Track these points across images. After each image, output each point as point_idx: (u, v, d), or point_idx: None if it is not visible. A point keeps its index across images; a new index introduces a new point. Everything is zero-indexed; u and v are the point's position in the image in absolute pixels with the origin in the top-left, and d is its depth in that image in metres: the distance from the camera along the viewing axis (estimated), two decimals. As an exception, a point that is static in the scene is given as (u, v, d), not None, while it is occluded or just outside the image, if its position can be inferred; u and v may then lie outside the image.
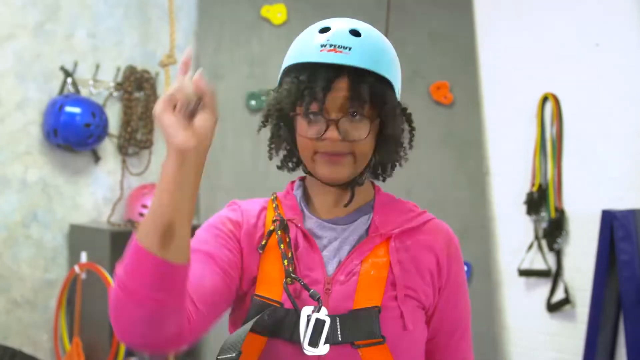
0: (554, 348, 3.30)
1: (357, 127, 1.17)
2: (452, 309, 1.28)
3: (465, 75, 3.63)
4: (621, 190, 3.08)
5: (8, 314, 3.11)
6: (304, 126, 1.19)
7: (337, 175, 1.19)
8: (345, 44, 1.16)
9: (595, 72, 3.18)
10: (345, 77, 1.15)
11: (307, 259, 1.21)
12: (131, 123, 3.45)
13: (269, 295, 1.19)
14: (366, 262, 1.20)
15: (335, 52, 1.15)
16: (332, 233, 1.24)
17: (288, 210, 1.27)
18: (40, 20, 3.22)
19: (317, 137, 1.17)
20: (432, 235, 1.26)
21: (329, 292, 1.18)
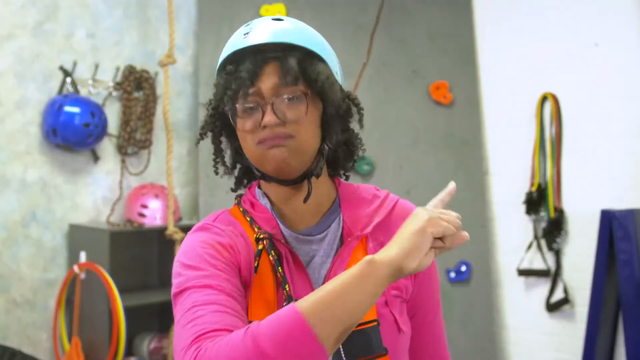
0: (553, 348, 3.31)
1: (293, 107, 1.12)
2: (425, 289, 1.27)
3: (465, 75, 3.63)
4: (620, 190, 3.08)
5: (7, 314, 3.11)
6: (241, 121, 1.14)
7: (283, 161, 1.11)
8: (267, 28, 1.15)
9: (595, 72, 3.18)
10: (273, 60, 1.13)
11: (296, 279, 1.16)
12: (130, 123, 3.45)
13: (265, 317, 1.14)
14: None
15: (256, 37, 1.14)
16: (310, 247, 1.20)
17: (265, 224, 1.20)
18: (39, 20, 3.22)
19: (255, 127, 1.12)
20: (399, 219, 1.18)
21: None
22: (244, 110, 1.14)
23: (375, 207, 1.23)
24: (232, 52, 1.15)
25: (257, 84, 1.12)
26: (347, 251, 1.18)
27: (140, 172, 3.55)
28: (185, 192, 3.78)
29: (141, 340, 3.42)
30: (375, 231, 1.21)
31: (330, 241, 1.21)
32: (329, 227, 1.21)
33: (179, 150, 3.70)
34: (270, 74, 1.12)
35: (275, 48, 1.13)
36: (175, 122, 3.66)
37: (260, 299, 1.14)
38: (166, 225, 3.27)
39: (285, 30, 1.15)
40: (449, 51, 3.65)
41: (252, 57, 1.13)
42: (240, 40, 1.15)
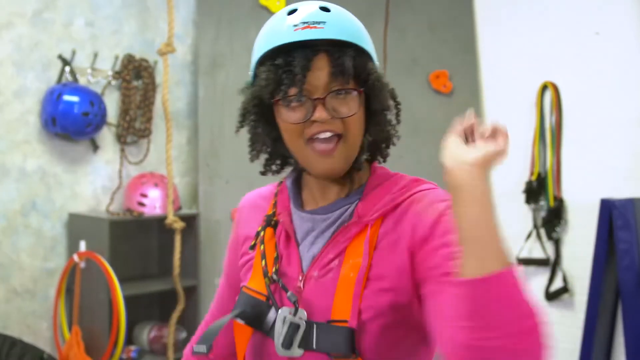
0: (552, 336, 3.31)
1: (345, 103, 1.12)
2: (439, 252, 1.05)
3: (465, 64, 3.62)
4: (620, 179, 3.07)
5: (7, 303, 3.12)
6: (288, 114, 1.12)
7: (331, 167, 1.13)
8: (317, 19, 1.11)
9: (595, 61, 3.17)
10: (323, 54, 1.10)
11: (286, 255, 1.20)
12: (130, 112, 3.44)
13: (257, 288, 1.20)
14: (347, 263, 1.13)
15: (309, 28, 1.10)
16: (309, 224, 1.20)
17: (280, 204, 1.27)
18: (38, 8, 3.21)
19: (305, 121, 1.11)
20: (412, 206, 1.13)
21: (300, 290, 1.15)
22: (293, 104, 1.12)
23: (394, 196, 1.16)
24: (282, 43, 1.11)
25: (309, 78, 1.10)
26: (344, 235, 1.15)
27: (140, 161, 3.55)
28: (185, 181, 3.78)
29: (141, 329, 3.43)
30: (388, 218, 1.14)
31: (331, 222, 1.18)
32: (337, 210, 1.19)
33: (178, 139, 3.70)
34: (321, 67, 1.10)
35: (325, 43, 1.11)
36: (174, 111, 3.65)
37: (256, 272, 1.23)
38: (166, 214, 3.27)
39: (337, 25, 1.12)
40: (449, 40, 3.64)
41: (303, 50, 1.10)
42: (289, 33, 1.11)
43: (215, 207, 3.49)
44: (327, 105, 1.10)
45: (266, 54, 1.14)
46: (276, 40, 1.12)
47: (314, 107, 1.10)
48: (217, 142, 3.56)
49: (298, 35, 1.10)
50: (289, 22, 1.12)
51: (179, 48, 3.57)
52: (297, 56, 1.10)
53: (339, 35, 1.11)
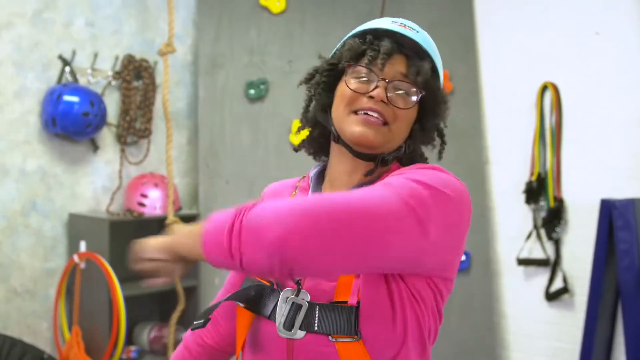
0: (552, 337, 3.31)
1: (403, 99, 1.19)
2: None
3: (465, 64, 3.61)
4: (620, 179, 3.07)
5: (8, 303, 3.12)
6: (352, 81, 1.20)
7: (367, 136, 1.17)
8: (414, 27, 1.25)
9: (595, 61, 3.17)
10: (403, 57, 1.21)
11: None
12: (130, 112, 3.44)
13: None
14: None
15: (406, 28, 1.22)
16: None
17: (299, 193, 1.30)
18: (38, 8, 3.21)
19: (364, 92, 1.18)
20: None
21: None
22: (362, 77, 1.20)
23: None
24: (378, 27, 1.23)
25: (387, 62, 1.19)
26: None
27: (140, 161, 3.55)
28: (185, 182, 3.78)
29: (141, 329, 3.43)
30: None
31: None
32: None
33: (178, 139, 3.70)
34: (399, 61, 1.20)
35: (410, 46, 1.22)
36: (174, 111, 3.65)
37: None
38: (166, 214, 3.27)
39: (426, 39, 1.26)
40: (449, 40, 3.64)
41: (390, 42, 1.20)
42: (388, 23, 1.23)
43: (216, 208, 3.47)
44: (389, 91, 1.18)
45: (359, 34, 1.25)
46: (374, 24, 1.25)
47: (377, 86, 1.17)
48: (217, 143, 3.56)
49: (395, 27, 1.22)
50: (388, 18, 1.25)
51: (179, 48, 3.57)
52: (385, 42, 1.20)
53: (426, 46, 1.24)
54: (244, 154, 3.51)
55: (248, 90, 3.57)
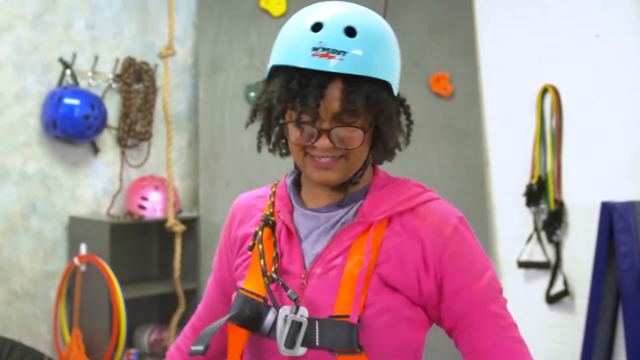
0: (552, 339, 3.31)
1: (350, 136, 1.11)
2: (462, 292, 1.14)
3: (465, 66, 3.62)
4: (620, 182, 3.08)
5: (8, 306, 3.12)
6: (294, 131, 1.12)
7: (328, 178, 1.14)
8: (339, 47, 1.06)
9: (595, 64, 3.18)
10: (338, 83, 1.07)
11: (288, 253, 1.19)
12: (130, 115, 3.44)
13: (254, 289, 1.19)
14: (351, 260, 1.14)
15: (328, 57, 1.06)
16: (314, 222, 1.20)
17: (278, 201, 1.26)
18: (38, 11, 3.21)
19: (307, 144, 1.12)
20: (422, 221, 1.16)
21: (304, 286, 1.15)
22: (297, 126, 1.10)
23: (402, 199, 1.18)
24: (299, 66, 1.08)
25: (320, 103, 1.07)
26: (348, 234, 1.16)
27: (140, 164, 3.55)
28: (185, 184, 3.78)
29: (142, 332, 3.43)
30: (394, 221, 1.16)
31: (336, 221, 1.19)
32: (342, 209, 1.20)
33: (178, 142, 3.70)
34: (333, 98, 1.08)
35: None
36: (175, 114, 3.65)
37: (252, 273, 1.22)
38: (166, 217, 3.27)
39: (359, 57, 1.07)
40: (450, 43, 3.65)
41: (318, 80, 1.07)
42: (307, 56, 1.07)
43: (216, 210, 3.49)
44: (332, 136, 1.10)
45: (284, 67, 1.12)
46: (292, 59, 1.09)
47: (319, 135, 1.10)
48: (217, 145, 3.56)
49: (315, 62, 1.06)
50: (308, 43, 1.08)
51: (179, 51, 3.57)
52: (312, 84, 1.07)
53: (356, 69, 1.07)
54: (244, 156, 3.50)
55: (248, 93, 3.57)
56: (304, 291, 1.15)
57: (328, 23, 1.09)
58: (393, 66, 1.15)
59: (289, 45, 1.12)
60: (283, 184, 1.29)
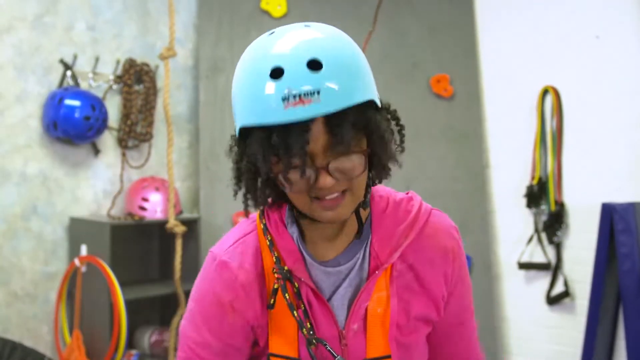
0: (553, 340, 3.31)
1: (350, 165, 1.02)
2: (459, 301, 1.25)
3: (466, 68, 3.62)
4: (621, 183, 3.08)
5: (8, 307, 3.12)
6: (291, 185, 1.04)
7: (339, 217, 1.07)
8: (309, 88, 0.95)
9: (596, 65, 3.18)
10: (319, 121, 0.98)
11: (318, 315, 1.14)
12: (131, 116, 3.45)
13: (285, 353, 1.14)
14: (372, 300, 1.14)
15: (302, 104, 0.95)
16: (336, 278, 1.16)
17: (287, 256, 1.15)
18: (39, 12, 3.22)
19: (309, 188, 1.03)
20: (434, 244, 1.18)
21: (346, 347, 1.14)
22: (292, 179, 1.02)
23: (405, 226, 1.17)
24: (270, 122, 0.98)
25: (307, 153, 0.99)
26: (373, 282, 1.15)
27: (141, 165, 3.55)
28: (186, 185, 3.78)
29: (142, 333, 3.43)
30: (404, 253, 1.16)
31: (358, 270, 1.16)
32: (357, 254, 1.16)
33: (179, 143, 3.70)
34: (319, 135, 0.99)
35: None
36: (175, 115, 3.66)
37: (278, 335, 1.15)
38: (167, 218, 3.27)
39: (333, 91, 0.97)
40: (450, 44, 3.65)
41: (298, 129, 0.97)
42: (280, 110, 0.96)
43: (217, 211, 3.49)
44: (332, 171, 1.01)
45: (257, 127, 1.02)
46: (265, 117, 0.98)
47: (317, 174, 1.01)
48: (218, 146, 3.56)
49: (291, 114, 0.96)
50: (275, 95, 0.97)
51: (179, 52, 3.57)
52: (293, 134, 0.97)
53: (337, 104, 0.97)
54: (245, 158, 3.51)
55: (249, 94, 3.57)
56: (347, 350, 1.14)
57: (287, 65, 0.97)
58: (369, 80, 1.05)
59: (253, 101, 1.00)
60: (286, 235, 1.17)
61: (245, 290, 1.16)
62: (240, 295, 1.16)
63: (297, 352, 1.13)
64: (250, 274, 1.16)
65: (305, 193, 1.05)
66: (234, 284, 1.16)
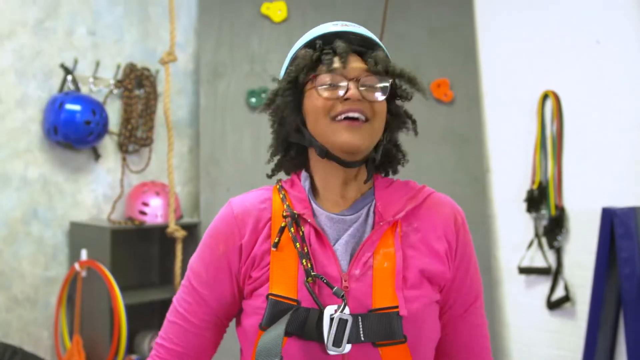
0: (553, 345, 3.31)
1: (374, 92, 1.19)
2: (465, 281, 1.28)
3: (466, 72, 3.62)
4: (621, 187, 3.08)
5: (8, 311, 3.12)
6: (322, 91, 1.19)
7: (356, 142, 1.17)
8: (351, 24, 1.26)
9: (596, 69, 3.18)
10: (356, 53, 1.22)
11: (321, 256, 1.19)
12: (131, 120, 3.45)
13: (285, 293, 1.17)
14: (378, 254, 1.19)
15: (347, 26, 1.24)
16: (342, 226, 1.23)
17: (297, 203, 1.25)
18: (40, 17, 3.22)
19: (338, 97, 1.18)
20: (436, 212, 1.27)
21: (347, 289, 1.16)
22: (327, 84, 1.19)
23: (409, 196, 1.27)
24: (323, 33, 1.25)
25: (347, 62, 1.19)
26: (377, 234, 1.21)
27: (141, 169, 3.55)
28: (186, 190, 3.78)
29: (142, 337, 3.43)
30: (408, 217, 1.25)
31: (362, 223, 1.23)
32: (362, 210, 1.25)
33: (179, 148, 3.71)
34: (355, 60, 1.21)
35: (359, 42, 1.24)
36: (176, 119, 3.66)
37: (279, 276, 1.19)
38: (167, 223, 3.28)
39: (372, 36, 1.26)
40: (450, 48, 3.65)
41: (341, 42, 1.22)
42: (330, 27, 1.25)
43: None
44: (361, 83, 1.19)
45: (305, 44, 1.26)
46: (316, 32, 1.26)
47: (348, 88, 1.18)
48: (218, 151, 3.56)
49: (339, 28, 1.24)
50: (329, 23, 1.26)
51: (180, 57, 3.58)
52: (339, 43, 1.21)
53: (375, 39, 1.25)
54: (245, 162, 3.51)
55: (249, 99, 3.58)
56: (348, 293, 1.16)
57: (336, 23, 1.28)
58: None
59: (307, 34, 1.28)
60: (298, 186, 1.29)
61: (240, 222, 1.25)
62: (233, 226, 1.25)
63: (296, 294, 1.16)
64: (250, 211, 1.26)
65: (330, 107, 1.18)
66: (229, 217, 1.27)
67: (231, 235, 1.25)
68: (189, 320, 1.27)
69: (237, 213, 1.27)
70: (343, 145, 1.18)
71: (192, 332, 1.27)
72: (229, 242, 1.25)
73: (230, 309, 1.27)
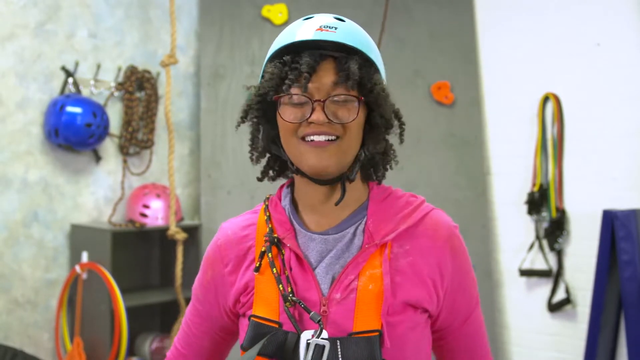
0: (554, 348, 3.30)
1: (345, 109, 1.13)
2: (462, 299, 1.24)
3: (466, 75, 3.63)
4: (622, 190, 3.08)
5: (9, 314, 3.11)
6: (287, 112, 1.14)
7: (324, 163, 1.12)
8: (330, 24, 1.15)
9: (597, 72, 3.18)
10: (331, 60, 1.14)
11: (301, 280, 1.17)
12: (132, 123, 3.45)
13: (267, 315, 1.16)
14: (363, 275, 1.15)
15: (321, 31, 1.14)
16: (324, 246, 1.19)
17: (279, 226, 1.22)
18: (41, 20, 3.23)
19: (301, 121, 1.12)
20: (431, 234, 1.20)
21: (326, 313, 1.14)
22: (294, 102, 1.14)
23: (404, 214, 1.21)
24: (291, 42, 1.15)
25: (313, 79, 1.12)
26: (363, 257, 1.17)
27: (142, 172, 3.55)
28: (187, 192, 3.78)
29: (143, 340, 3.42)
30: (400, 238, 1.19)
31: (347, 243, 1.19)
32: (348, 228, 1.20)
33: (180, 150, 3.71)
34: (327, 70, 1.13)
35: (335, 47, 1.14)
36: (176, 122, 3.66)
37: (262, 299, 1.18)
38: (168, 225, 3.28)
39: (348, 32, 1.15)
40: (451, 51, 3.66)
41: (311, 52, 1.14)
42: (304, 31, 1.15)
43: (217, 218, 3.49)
44: (327, 109, 1.12)
45: (276, 53, 1.18)
46: (287, 39, 1.16)
47: (313, 108, 1.12)
48: (219, 153, 3.57)
49: (311, 34, 1.14)
50: (302, 24, 1.17)
51: (181, 59, 3.58)
52: (305, 57, 1.12)
53: (348, 40, 1.14)
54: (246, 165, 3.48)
55: (250, 101, 3.58)
56: (327, 318, 1.14)
57: (318, 15, 1.20)
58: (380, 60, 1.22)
59: (282, 35, 1.19)
60: (279, 208, 1.25)
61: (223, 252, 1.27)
62: (217, 255, 1.28)
63: (278, 317, 1.16)
64: (234, 237, 1.26)
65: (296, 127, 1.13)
66: (214, 246, 1.30)
67: (215, 263, 1.30)
68: (191, 328, 1.36)
69: (220, 243, 1.29)
70: (310, 169, 1.14)
71: (192, 340, 1.36)
72: (215, 269, 1.30)
73: (224, 324, 1.31)
